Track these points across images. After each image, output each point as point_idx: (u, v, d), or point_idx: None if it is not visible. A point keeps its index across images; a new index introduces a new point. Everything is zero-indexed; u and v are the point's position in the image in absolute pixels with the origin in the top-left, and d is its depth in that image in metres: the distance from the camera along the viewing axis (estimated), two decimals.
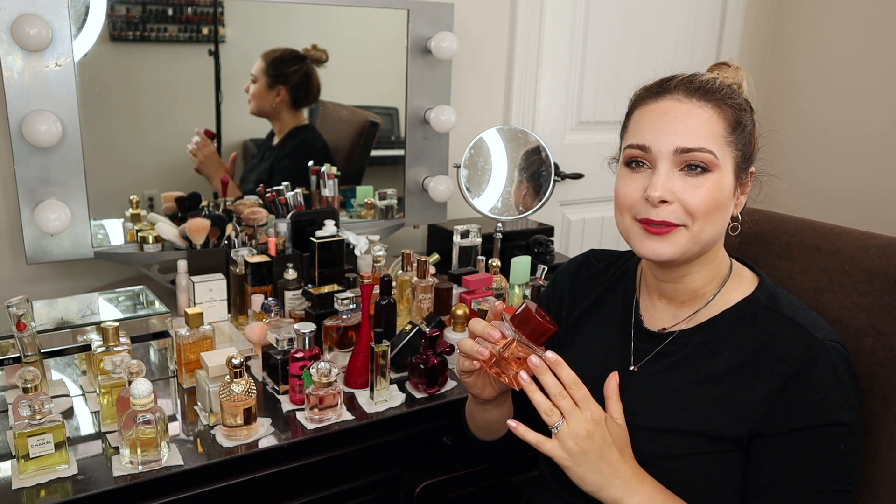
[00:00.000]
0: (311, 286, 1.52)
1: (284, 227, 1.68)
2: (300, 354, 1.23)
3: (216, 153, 1.74)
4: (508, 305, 0.98)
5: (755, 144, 0.96)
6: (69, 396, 1.24)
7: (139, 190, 1.67)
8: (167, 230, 1.62)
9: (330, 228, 1.67)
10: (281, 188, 1.79)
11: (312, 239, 1.60)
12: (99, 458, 1.09)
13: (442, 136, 1.94)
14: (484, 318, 1.36)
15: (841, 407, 0.86)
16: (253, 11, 1.71)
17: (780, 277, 1.14)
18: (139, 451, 1.04)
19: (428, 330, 1.31)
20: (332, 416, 1.20)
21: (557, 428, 0.89)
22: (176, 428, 1.17)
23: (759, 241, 1.20)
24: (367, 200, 1.95)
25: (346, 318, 1.37)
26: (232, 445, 1.13)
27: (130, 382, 1.03)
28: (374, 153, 1.96)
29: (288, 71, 1.79)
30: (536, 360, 0.90)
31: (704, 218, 0.90)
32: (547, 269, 1.61)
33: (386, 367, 1.26)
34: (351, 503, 1.25)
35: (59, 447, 1.03)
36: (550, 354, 0.91)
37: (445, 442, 1.32)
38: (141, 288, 1.47)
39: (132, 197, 1.65)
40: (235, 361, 1.12)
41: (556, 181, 1.83)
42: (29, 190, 1.47)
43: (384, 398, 1.28)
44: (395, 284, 1.49)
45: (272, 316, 1.40)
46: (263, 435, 1.16)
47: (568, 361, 1.09)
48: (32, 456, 1.02)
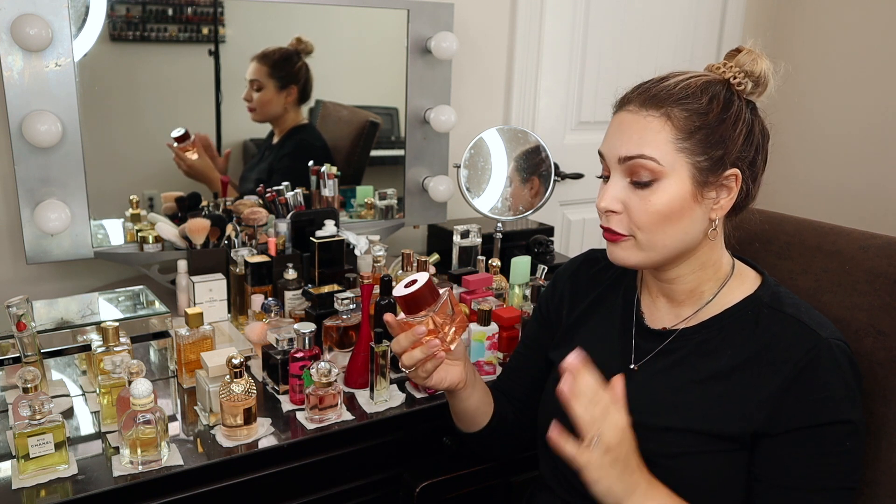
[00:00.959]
0: (311, 286, 1.52)
1: (284, 227, 1.68)
2: (300, 354, 1.24)
3: (200, 161, 1.72)
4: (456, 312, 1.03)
5: (739, 144, 0.92)
6: (69, 396, 1.24)
7: (139, 190, 1.67)
8: (167, 230, 1.62)
9: (330, 228, 1.67)
10: (281, 188, 1.79)
11: (312, 239, 1.60)
12: (99, 458, 1.09)
13: (442, 136, 1.94)
14: (482, 318, 1.37)
15: (846, 405, 0.87)
16: (253, 11, 1.71)
17: (780, 277, 1.14)
18: (139, 451, 1.04)
19: None
20: (332, 416, 1.20)
21: (598, 441, 0.84)
22: (176, 428, 1.17)
23: (759, 241, 1.20)
24: (367, 200, 1.95)
25: (346, 318, 1.37)
26: (232, 445, 1.13)
27: (130, 382, 1.03)
28: (374, 153, 1.96)
29: (294, 69, 1.79)
30: (571, 358, 0.85)
31: (650, 228, 0.91)
32: (547, 269, 1.61)
33: (386, 367, 1.26)
34: (351, 503, 1.25)
35: (59, 447, 1.03)
36: (572, 358, 0.86)
37: (445, 442, 1.32)
38: (141, 288, 1.47)
39: (132, 197, 1.65)
40: (235, 361, 1.12)
41: (556, 181, 1.82)
42: (29, 190, 1.47)
43: (384, 398, 1.28)
44: (394, 284, 1.49)
45: (272, 316, 1.40)
46: (263, 435, 1.16)
47: None
48: (32, 456, 1.02)
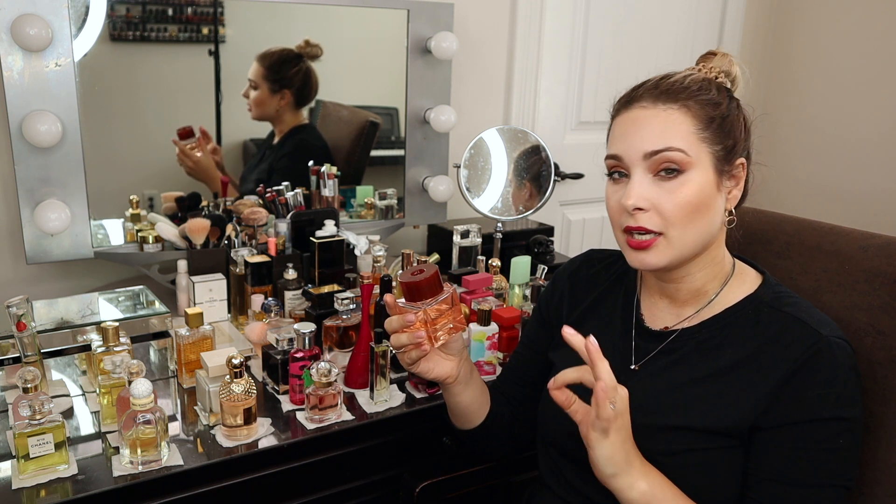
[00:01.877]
0: (311, 286, 1.52)
1: (284, 227, 1.68)
2: (300, 354, 1.23)
3: (206, 158, 1.72)
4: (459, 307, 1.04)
5: (742, 134, 0.95)
6: (69, 396, 1.24)
7: (139, 190, 1.67)
8: (167, 230, 1.62)
9: (330, 228, 1.67)
10: (281, 188, 1.79)
11: (312, 239, 1.60)
12: (99, 458, 1.09)
13: (442, 136, 1.94)
14: (482, 318, 1.37)
15: (842, 402, 0.87)
16: (253, 11, 1.71)
17: (780, 277, 1.14)
18: (139, 451, 1.04)
19: None
20: (332, 416, 1.20)
21: (615, 406, 0.85)
22: (176, 428, 1.17)
23: (759, 241, 1.20)
24: (367, 200, 1.95)
25: (346, 318, 1.37)
26: (232, 445, 1.13)
27: (130, 382, 1.03)
28: (374, 153, 1.96)
29: (290, 74, 1.78)
30: (590, 341, 0.84)
31: (682, 222, 0.90)
32: (547, 269, 1.61)
33: (386, 367, 1.26)
34: (351, 503, 1.25)
35: (59, 447, 1.03)
36: (592, 340, 0.85)
37: (445, 442, 1.32)
38: (141, 288, 1.47)
39: (132, 197, 1.65)
40: (235, 361, 1.12)
41: (556, 181, 1.82)
42: (29, 190, 1.47)
43: (384, 398, 1.28)
44: (395, 284, 1.49)
45: (272, 316, 1.40)
46: (263, 435, 1.16)
47: (568, 361, 1.09)
48: (32, 456, 1.02)
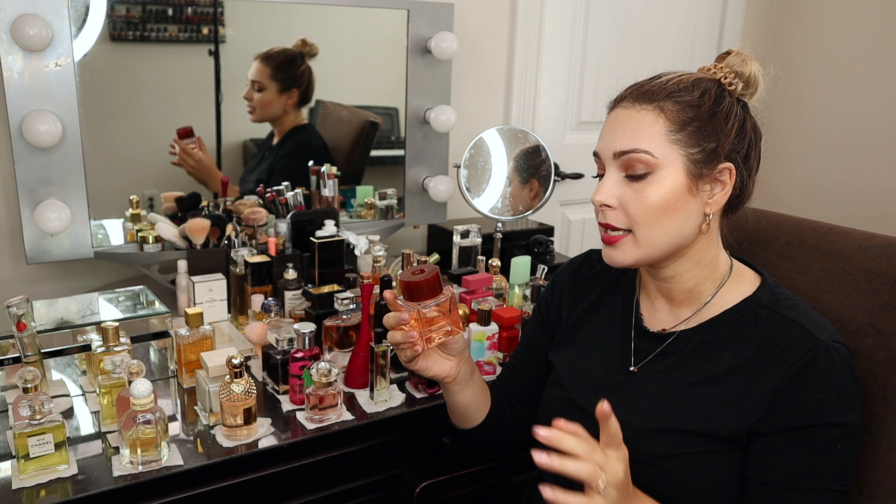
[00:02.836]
0: (311, 286, 1.52)
1: (284, 227, 1.68)
2: (300, 354, 1.24)
3: (204, 160, 1.72)
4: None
5: (732, 138, 0.93)
6: (69, 396, 1.24)
7: (139, 190, 1.67)
8: (167, 230, 1.62)
9: (330, 228, 1.67)
10: (281, 188, 1.79)
11: (312, 239, 1.60)
12: (99, 458, 1.09)
13: (442, 136, 1.94)
14: (482, 318, 1.37)
15: (839, 408, 0.86)
16: (253, 11, 1.71)
17: (780, 277, 1.14)
18: (139, 451, 1.04)
19: None
20: (332, 416, 1.20)
21: (604, 485, 0.80)
22: (176, 428, 1.17)
23: (759, 241, 1.20)
24: (367, 200, 1.95)
25: (346, 318, 1.37)
26: (232, 445, 1.13)
27: (130, 382, 1.03)
28: (374, 153, 1.96)
29: (298, 73, 1.79)
30: (544, 432, 0.81)
31: (647, 222, 0.91)
32: (547, 269, 1.61)
33: (386, 367, 1.26)
34: (351, 503, 1.25)
35: (59, 447, 1.03)
36: (563, 423, 0.82)
37: (445, 442, 1.32)
38: (141, 288, 1.47)
39: (132, 197, 1.65)
40: (235, 361, 1.12)
41: (556, 181, 1.82)
42: (29, 190, 1.47)
43: (384, 398, 1.28)
44: (395, 284, 1.49)
45: (272, 316, 1.40)
46: (263, 435, 1.16)
47: (568, 362, 1.09)
48: (32, 456, 1.02)
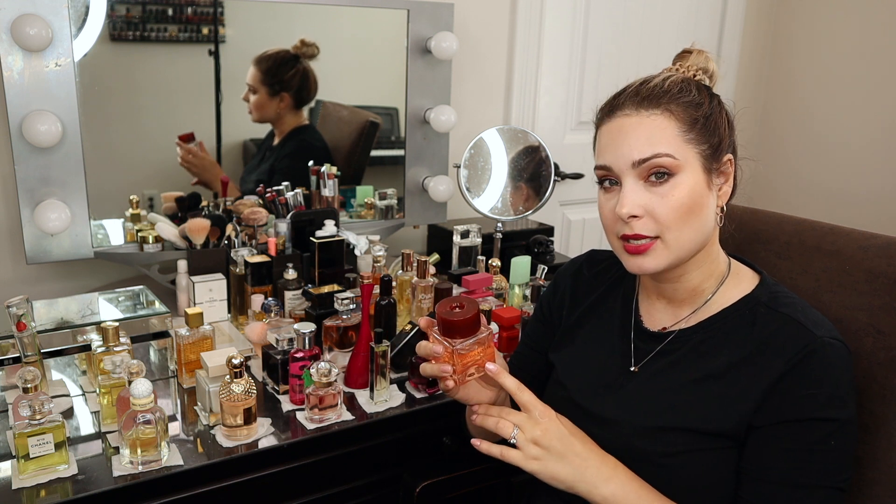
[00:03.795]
0: (311, 286, 1.52)
1: (284, 227, 1.68)
2: (300, 354, 1.23)
3: (208, 159, 1.72)
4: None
5: (726, 130, 0.95)
6: (69, 396, 1.24)
7: (139, 190, 1.67)
8: (167, 230, 1.62)
9: (330, 228, 1.67)
10: (281, 188, 1.79)
11: (312, 239, 1.60)
12: (99, 458, 1.09)
13: (442, 136, 1.94)
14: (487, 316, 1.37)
15: (833, 403, 0.86)
16: (253, 11, 1.71)
17: (780, 277, 1.14)
18: (139, 451, 1.04)
19: None
20: (332, 416, 1.20)
21: (514, 437, 0.92)
22: (176, 428, 1.17)
23: (759, 241, 1.20)
24: (367, 200, 1.95)
25: (346, 318, 1.37)
26: (232, 445, 1.13)
27: (130, 382, 1.03)
28: (374, 153, 1.96)
29: (287, 77, 1.78)
30: (493, 367, 0.94)
31: (677, 225, 0.91)
32: (547, 269, 1.61)
33: (386, 367, 1.26)
34: (351, 503, 1.25)
35: (59, 447, 1.03)
36: (491, 366, 0.94)
37: (445, 442, 1.32)
38: (141, 288, 1.47)
39: (132, 197, 1.65)
40: (235, 361, 1.12)
41: (556, 181, 1.82)
42: (29, 190, 1.47)
43: (384, 398, 1.28)
44: (395, 284, 1.49)
45: (272, 316, 1.40)
46: (263, 435, 1.16)
47: (569, 362, 1.09)
48: (32, 456, 1.02)
